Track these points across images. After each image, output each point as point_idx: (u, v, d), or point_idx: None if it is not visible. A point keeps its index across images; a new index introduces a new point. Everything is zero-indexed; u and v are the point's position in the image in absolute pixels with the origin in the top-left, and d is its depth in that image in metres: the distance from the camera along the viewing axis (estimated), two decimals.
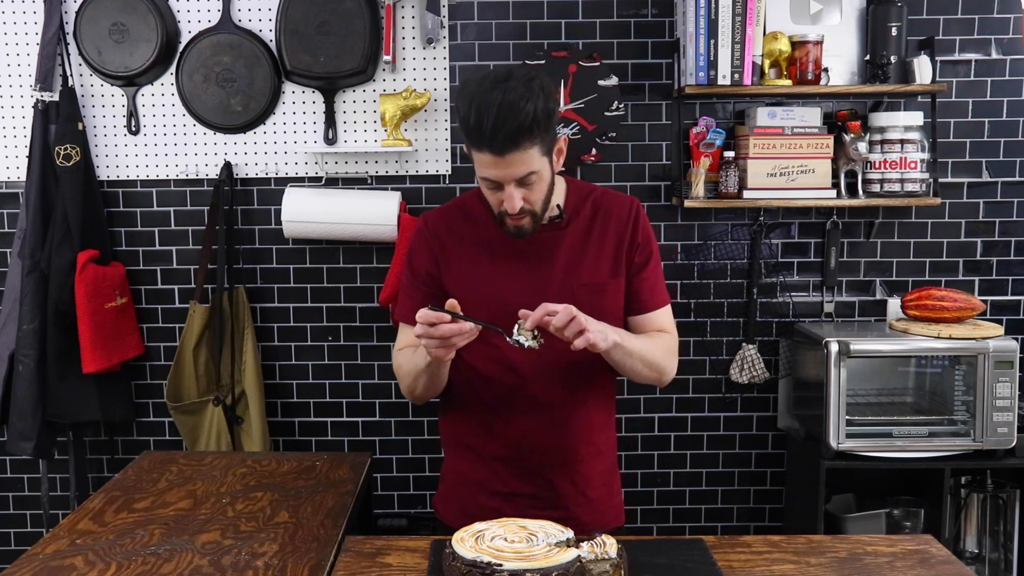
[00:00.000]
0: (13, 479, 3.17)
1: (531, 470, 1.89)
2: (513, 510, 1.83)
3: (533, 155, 1.69)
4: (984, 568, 2.89)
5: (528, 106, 1.63)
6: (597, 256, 1.86)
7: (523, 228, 1.79)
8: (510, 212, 1.74)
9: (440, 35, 2.95)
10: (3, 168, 3.02)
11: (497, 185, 1.72)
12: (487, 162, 1.69)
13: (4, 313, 2.94)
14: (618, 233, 1.87)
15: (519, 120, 1.63)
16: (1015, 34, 2.97)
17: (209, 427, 2.96)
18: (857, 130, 2.85)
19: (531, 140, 1.67)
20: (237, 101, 2.96)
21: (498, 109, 1.62)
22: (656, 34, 2.98)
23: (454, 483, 1.99)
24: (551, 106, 1.69)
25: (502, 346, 1.78)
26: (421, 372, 1.80)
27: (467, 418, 1.94)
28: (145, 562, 1.73)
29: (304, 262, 3.08)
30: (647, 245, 1.91)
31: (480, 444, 1.92)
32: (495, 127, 1.63)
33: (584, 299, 1.79)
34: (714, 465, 3.16)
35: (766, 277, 3.07)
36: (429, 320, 1.59)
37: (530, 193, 1.74)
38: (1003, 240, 3.07)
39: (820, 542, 1.77)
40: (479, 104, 1.64)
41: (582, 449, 1.90)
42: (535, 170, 1.71)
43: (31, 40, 2.96)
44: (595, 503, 1.94)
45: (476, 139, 1.67)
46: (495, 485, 1.91)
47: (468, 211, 1.90)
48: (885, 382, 3.00)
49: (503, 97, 1.62)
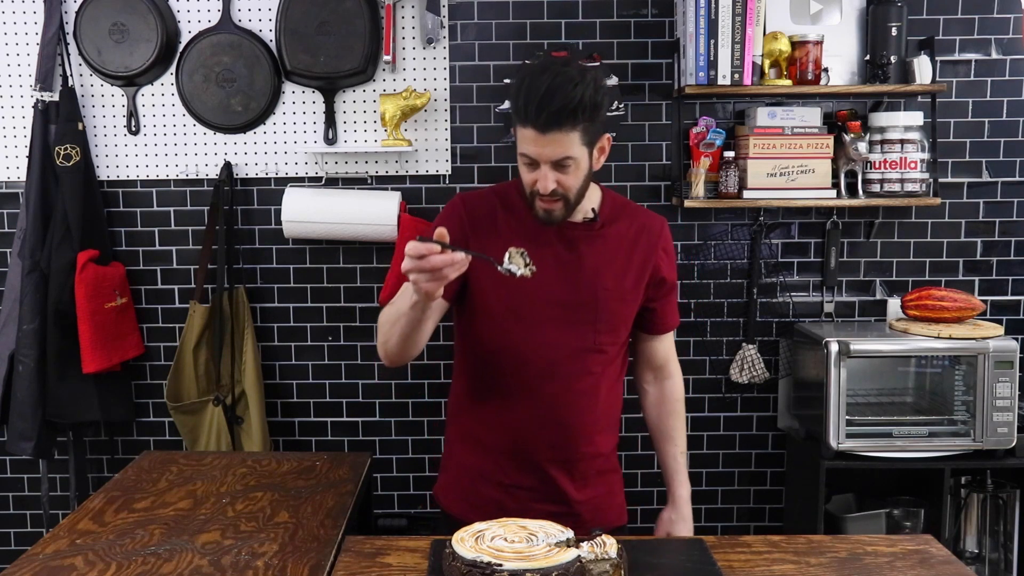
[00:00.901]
0: (13, 479, 3.17)
1: (532, 464, 1.91)
2: (514, 502, 1.88)
3: (573, 140, 1.72)
4: (984, 568, 2.89)
5: (577, 90, 1.67)
6: (624, 266, 1.90)
7: (553, 213, 1.80)
8: (542, 192, 1.76)
9: (440, 35, 2.95)
10: (3, 168, 3.02)
11: (533, 163, 1.75)
12: (529, 138, 1.72)
13: (4, 313, 2.94)
14: (646, 249, 1.93)
15: (565, 100, 1.67)
16: (1015, 34, 2.97)
17: (209, 427, 2.96)
18: (857, 130, 2.85)
19: (573, 123, 1.70)
20: (237, 101, 2.96)
21: (548, 86, 1.67)
22: (656, 34, 2.98)
23: (457, 472, 2.01)
24: (600, 99, 1.72)
25: (514, 341, 1.84)
26: (402, 316, 1.72)
27: (474, 409, 1.96)
28: (145, 562, 1.73)
29: (304, 262, 3.08)
30: (672, 266, 1.99)
31: (484, 435, 1.94)
32: (541, 102, 1.67)
33: (605, 303, 1.87)
34: (714, 465, 3.16)
35: (766, 277, 3.07)
36: (419, 252, 1.53)
37: (564, 178, 1.76)
38: (1003, 240, 3.07)
39: (820, 542, 1.77)
40: (532, 79, 1.69)
41: (583, 447, 1.92)
42: (572, 155, 1.73)
43: (31, 40, 2.96)
44: (595, 501, 1.96)
45: (522, 112, 1.71)
46: (497, 476, 1.93)
47: (506, 199, 1.91)
48: (885, 382, 3.00)
49: (555, 77, 1.68)
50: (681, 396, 2.10)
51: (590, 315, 1.87)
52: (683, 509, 2.05)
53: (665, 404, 2.08)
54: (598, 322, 1.87)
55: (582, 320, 1.86)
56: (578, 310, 1.86)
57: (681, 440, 2.08)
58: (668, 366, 2.08)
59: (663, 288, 1.96)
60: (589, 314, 1.87)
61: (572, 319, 1.86)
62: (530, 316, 1.84)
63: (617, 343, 1.93)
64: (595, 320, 1.87)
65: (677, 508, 2.05)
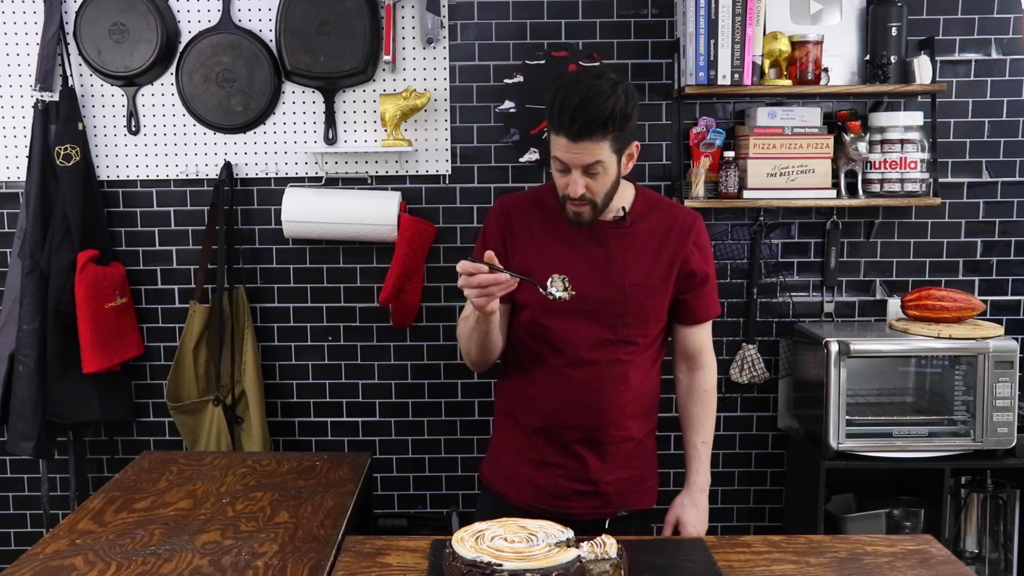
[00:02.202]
0: (13, 479, 3.17)
1: (562, 443, 2.02)
2: (545, 478, 2.02)
3: (603, 148, 1.83)
4: (984, 568, 2.89)
5: (608, 103, 1.78)
6: (653, 261, 1.99)
7: (582, 215, 1.92)
8: (572, 196, 1.87)
9: (440, 35, 2.95)
10: (3, 168, 3.02)
11: (565, 168, 1.87)
12: (562, 145, 1.84)
13: (4, 313, 2.94)
14: (676, 243, 2.01)
15: (597, 112, 1.78)
16: (1015, 34, 2.97)
17: (209, 427, 2.96)
18: (857, 130, 2.85)
19: (604, 134, 1.81)
20: (237, 101, 2.96)
21: (582, 98, 1.78)
22: (656, 34, 2.98)
23: (497, 450, 2.14)
24: (629, 110, 1.83)
25: (548, 332, 1.98)
26: (472, 331, 1.94)
27: (512, 389, 2.09)
28: (145, 562, 1.73)
29: (304, 262, 3.08)
30: (706, 259, 2.05)
31: (521, 414, 2.06)
32: (574, 113, 1.78)
33: (633, 298, 1.97)
34: (714, 465, 3.14)
35: (766, 277, 3.07)
36: (467, 270, 1.73)
37: (593, 183, 1.87)
38: (1003, 240, 3.07)
39: (820, 542, 1.77)
40: (567, 91, 1.81)
41: (612, 431, 2.01)
42: (601, 161, 1.83)
43: (31, 40, 2.96)
44: (624, 483, 2.05)
45: (556, 122, 1.82)
46: (531, 453, 2.04)
47: (541, 201, 2.04)
48: (885, 382, 3.00)
49: (588, 90, 1.79)
50: (711, 388, 2.14)
51: (618, 309, 1.97)
52: (696, 496, 2.10)
53: (693, 393, 2.14)
54: (626, 315, 1.97)
55: (611, 313, 1.97)
56: (607, 304, 1.96)
57: (704, 430, 2.12)
58: (701, 357, 2.13)
59: (694, 281, 2.02)
60: (617, 308, 1.97)
61: (601, 312, 1.96)
62: (562, 309, 1.93)
63: (649, 335, 2.02)
64: (623, 314, 1.97)
65: (691, 494, 2.11)
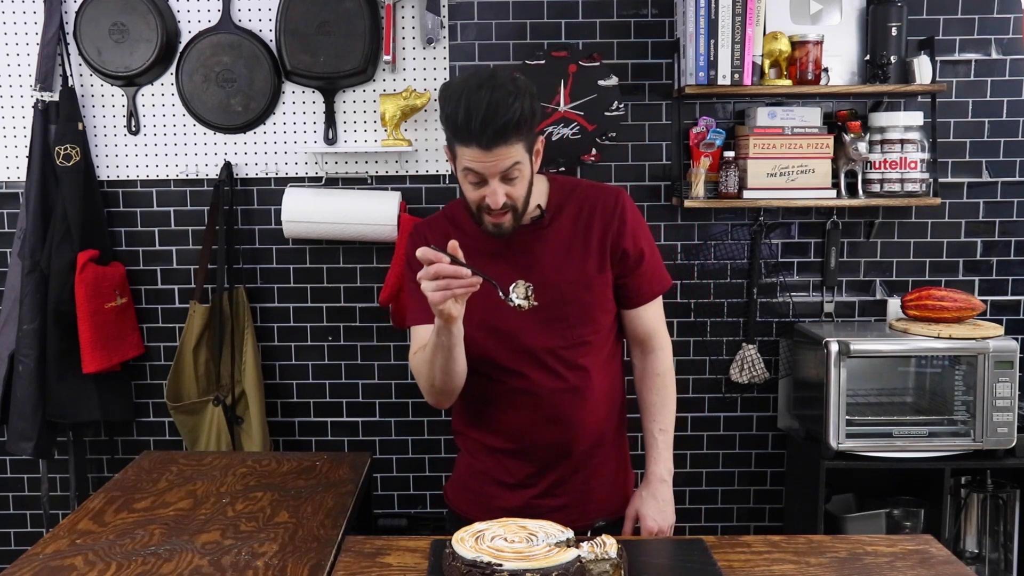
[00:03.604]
0: (13, 479, 3.17)
1: (534, 463, 1.92)
2: (518, 499, 1.90)
3: (518, 149, 1.74)
4: (984, 568, 2.89)
5: (516, 103, 1.69)
6: (583, 252, 1.88)
7: (502, 226, 1.81)
8: (492, 207, 1.77)
9: (440, 35, 2.95)
10: (3, 168, 3.02)
11: (480, 181, 1.76)
12: (473, 156, 1.73)
13: (4, 313, 2.94)
14: (603, 227, 1.89)
15: (507, 116, 1.68)
16: (1015, 34, 2.97)
17: (209, 427, 2.95)
18: (857, 130, 2.85)
19: (518, 135, 1.72)
20: (237, 101, 2.96)
21: (487, 105, 1.67)
22: (656, 34, 2.98)
23: (465, 472, 2.04)
24: (536, 105, 1.76)
25: (494, 352, 1.85)
26: (434, 350, 1.75)
27: (474, 415, 1.97)
28: (145, 562, 1.73)
29: (304, 262, 3.08)
30: (637, 235, 1.93)
31: (487, 438, 1.96)
32: (484, 122, 1.68)
33: (572, 295, 1.86)
34: (714, 465, 3.16)
35: (766, 277, 3.07)
36: (428, 258, 1.60)
37: (512, 189, 1.77)
38: (1003, 240, 3.07)
39: (820, 542, 1.77)
40: (468, 101, 1.69)
41: (586, 440, 1.92)
42: (519, 163, 1.75)
43: (31, 40, 2.96)
44: (599, 491, 1.97)
45: (464, 134, 1.71)
46: (501, 476, 1.95)
47: (454, 219, 1.94)
48: (885, 382, 3.00)
49: (492, 95, 1.68)
50: (665, 370, 2.00)
51: (560, 312, 1.86)
52: (655, 487, 1.96)
53: (647, 379, 2.00)
54: (570, 316, 1.87)
55: (554, 319, 1.86)
56: (547, 310, 1.83)
57: (661, 416, 1.98)
58: (653, 340, 1.99)
59: (628, 261, 1.91)
60: (559, 311, 1.86)
61: (544, 320, 1.85)
62: (502, 327, 1.85)
63: (600, 330, 1.92)
64: (567, 316, 1.87)
65: (649, 485, 1.97)
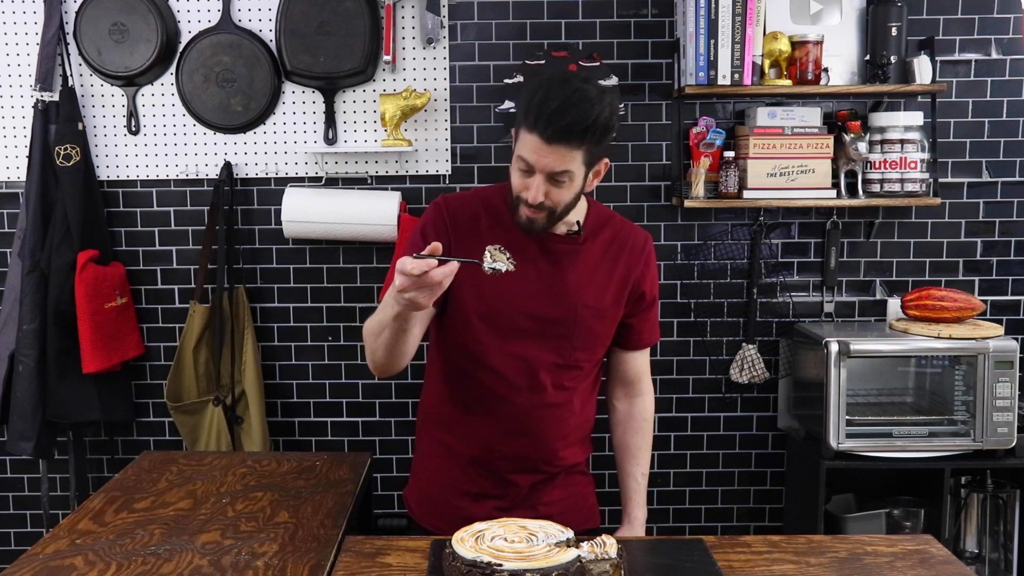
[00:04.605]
0: (13, 479, 3.17)
1: (500, 473, 1.91)
2: (483, 510, 1.86)
3: (576, 157, 1.69)
4: (984, 568, 2.89)
5: (594, 110, 1.65)
6: (606, 281, 1.87)
7: (535, 223, 1.76)
8: (530, 201, 1.72)
9: (440, 35, 2.95)
10: (3, 168, 3.02)
11: (529, 170, 1.71)
12: (531, 145, 1.68)
13: (4, 313, 2.94)
14: (628, 265, 1.89)
15: (579, 117, 1.64)
16: (1015, 34, 2.97)
17: (209, 427, 2.96)
18: (857, 130, 2.85)
19: (581, 141, 1.67)
20: (237, 101, 2.96)
21: (568, 97, 1.63)
22: (656, 34, 2.98)
23: (426, 477, 2.02)
24: (613, 123, 1.70)
25: (489, 351, 1.83)
26: (385, 328, 1.70)
27: (445, 416, 1.96)
28: (145, 562, 1.73)
29: (304, 262, 3.08)
30: (655, 282, 1.96)
31: (454, 443, 1.94)
32: (554, 115, 1.63)
33: (584, 319, 1.85)
34: (714, 465, 3.16)
35: (766, 277, 3.07)
36: (420, 269, 1.48)
37: (556, 191, 1.72)
38: (1003, 240, 3.07)
39: (820, 542, 1.77)
40: (552, 88, 1.65)
41: (552, 460, 1.92)
42: (570, 171, 1.70)
43: (31, 40, 2.96)
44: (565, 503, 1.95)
45: (533, 118, 1.66)
46: (465, 486, 1.94)
47: (489, 206, 1.87)
48: (885, 382, 3.00)
49: (574, 92, 1.64)
50: (650, 416, 2.05)
51: (567, 331, 1.85)
52: (638, 532, 1.99)
53: (632, 422, 2.03)
54: (575, 338, 1.86)
55: (558, 335, 1.85)
56: (555, 326, 1.83)
57: (644, 461, 2.02)
58: (640, 384, 2.03)
59: (642, 303, 1.93)
60: (566, 330, 1.85)
61: (548, 334, 1.84)
62: (505, 327, 1.83)
63: (593, 359, 1.93)
64: (572, 336, 1.85)
65: (632, 530, 2.00)
